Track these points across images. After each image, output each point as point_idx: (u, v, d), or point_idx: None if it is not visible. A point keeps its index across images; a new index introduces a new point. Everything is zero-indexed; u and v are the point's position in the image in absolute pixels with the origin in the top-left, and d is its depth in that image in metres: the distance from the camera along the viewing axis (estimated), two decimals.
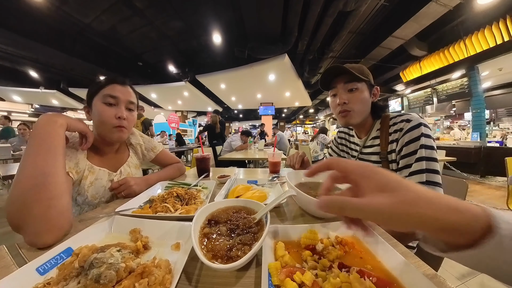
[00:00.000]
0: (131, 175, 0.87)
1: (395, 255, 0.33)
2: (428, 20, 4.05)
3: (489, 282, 1.36)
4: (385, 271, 0.32)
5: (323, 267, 0.32)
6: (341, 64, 0.76)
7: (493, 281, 1.37)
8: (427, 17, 3.96)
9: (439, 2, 3.55)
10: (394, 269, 0.31)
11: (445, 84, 5.75)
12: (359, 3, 3.65)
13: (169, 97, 9.48)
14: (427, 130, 0.65)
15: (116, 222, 0.49)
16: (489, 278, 1.35)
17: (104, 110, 0.71)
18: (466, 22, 4.46)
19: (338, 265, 0.32)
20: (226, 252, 0.33)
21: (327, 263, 0.32)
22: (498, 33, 4.01)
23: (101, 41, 5.21)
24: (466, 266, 0.23)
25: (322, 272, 0.29)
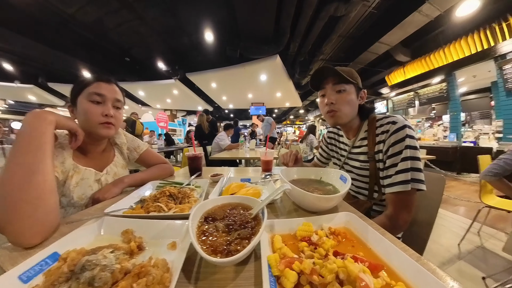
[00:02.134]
0: (118, 175, 0.85)
1: (384, 242, 0.36)
2: (412, 28, 4.30)
3: (466, 269, 1.48)
4: (376, 257, 0.35)
5: (319, 255, 0.34)
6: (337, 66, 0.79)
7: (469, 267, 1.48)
8: (411, 25, 4.21)
9: (422, 12, 3.79)
10: (383, 254, 0.34)
11: (426, 88, 6.14)
12: (349, 9, 3.79)
13: (158, 95, 9.20)
14: (411, 132, 0.70)
15: (106, 223, 0.47)
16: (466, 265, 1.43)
17: (90, 108, 0.69)
18: (445, 32, 4.81)
19: (334, 253, 0.34)
20: (225, 247, 0.34)
21: (323, 252, 0.34)
22: (472, 44, 4.35)
23: (85, 33, 4.90)
24: None
25: (319, 260, 0.31)
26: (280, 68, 5.84)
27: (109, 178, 0.82)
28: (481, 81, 5.90)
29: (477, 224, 1.93)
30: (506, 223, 2.13)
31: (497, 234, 1.97)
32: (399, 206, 0.68)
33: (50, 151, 0.53)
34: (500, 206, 1.63)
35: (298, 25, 4.38)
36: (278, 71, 6.01)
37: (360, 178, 0.83)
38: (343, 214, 0.47)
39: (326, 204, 0.55)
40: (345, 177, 0.63)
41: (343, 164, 0.92)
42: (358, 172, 0.84)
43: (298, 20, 4.23)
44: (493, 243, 1.82)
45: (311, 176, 0.76)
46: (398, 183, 0.67)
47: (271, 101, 10.00)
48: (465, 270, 1.46)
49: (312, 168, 0.80)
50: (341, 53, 6.18)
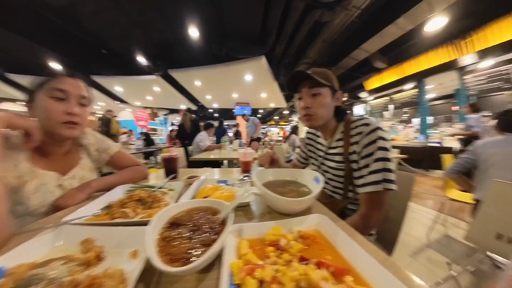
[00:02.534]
0: (85, 179, 0.78)
1: (352, 244, 0.35)
2: (389, 38, 4.68)
3: (433, 256, 1.64)
4: (343, 260, 0.34)
5: (284, 262, 0.32)
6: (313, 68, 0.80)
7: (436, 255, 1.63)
8: (389, 36, 4.58)
9: (397, 25, 4.17)
10: (351, 257, 0.34)
11: (400, 94, 6.68)
12: (333, 16, 3.99)
13: (138, 91, 8.65)
14: (383, 134, 0.72)
15: (65, 233, 0.43)
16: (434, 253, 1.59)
17: (51, 106, 0.63)
18: (417, 44, 5.30)
19: (300, 258, 0.33)
20: (185, 255, 0.32)
21: (288, 258, 0.33)
22: (440, 56, 4.85)
23: (55, 19, 4.37)
24: None
25: (282, 267, 0.30)
26: (266, 69, 5.87)
27: (74, 182, 0.74)
28: (446, 88, 6.57)
29: (443, 215, 2.14)
30: (466, 213, 2.38)
31: (459, 223, 2.21)
32: (372, 205, 0.71)
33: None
34: (461, 199, 1.84)
35: (284, 27, 4.46)
36: (263, 72, 6.04)
37: (336, 178, 0.85)
38: (315, 216, 0.46)
39: (298, 207, 0.54)
40: (319, 178, 0.63)
41: (320, 165, 0.94)
42: (334, 172, 0.86)
43: (284, 23, 4.31)
44: (456, 232, 2.04)
45: (286, 177, 0.75)
46: (370, 183, 0.69)
47: (256, 101, 10.01)
48: (432, 257, 1.62)
49: (288, 169, 0.79)
50: (325, 57, 6.40)
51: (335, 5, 3.72)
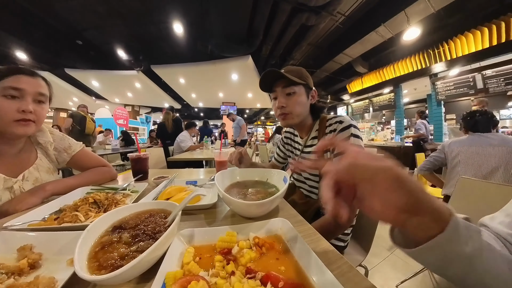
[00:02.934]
0: (40, 181, 0.71)
1: (309, 254, 0.32)
2: (370, 45, 4.98)
3: None
4: (299, 272, 0.31)
5: (225, 273, 0.29)
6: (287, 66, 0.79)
7: None
8: (370, 42, 4.87)
9: (378, 33, 4.45)
10: (307, 268, 0.31)
11: (379, 97, 7.08)
12: (319, 20, 4.11)
13: (117, 87, 8.14)
14: (356, 131, 0.72)
15: (1, 240, 0.40)
16: None
17: (2, 104, 0.60)
18: (395, 52, 5.70)
19: (246, 270, 0.30)
20: (115, 262, 0.29)
21: (230, 269, 0.30)
22: (414, 63, 5.25)
23: (24, 3, 3.98)
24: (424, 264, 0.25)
25: (222, 280, 0.27)
26: (252, 69, 5.86)
27: (26, 185, 0.68)
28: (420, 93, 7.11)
29: None
30: None
31: None
32: None
33: None
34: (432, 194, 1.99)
35: (271, 28, 4.50)
36: (249, 71, 6.02)
37: (312, 177, 0.85)
38: (277, 220, 0.43)
39: (258, 210, 0.50)
40: (287, 179, 0.62)
41: None
42: (310, 171, 0.85)
43: (271, 24, 4.34)
44: None
45: (255, 177, 0.73)
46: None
47: (242, 101, 9.97)
48: None
49: (258, 169, 0.77)
50: (310, 60, 6.56)
51: (321, 10, 3.82)
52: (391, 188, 0.22)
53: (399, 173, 0.22)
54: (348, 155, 0.26)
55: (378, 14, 4.10)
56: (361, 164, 0.23)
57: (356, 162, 0.23)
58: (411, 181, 0.22)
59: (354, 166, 0.23)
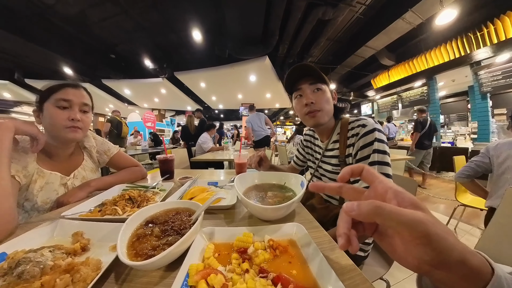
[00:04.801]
0: (86, 179, 0.84)
1: (321, 261, 0.33)
2: (396, 34, 4.50)
3: None
4: (310, 278, 0.31)
5: (240, 271, 0.32)
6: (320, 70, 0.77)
7: None
8: (395, 31, 4.40)
9: (405, 19, 3.97)
10: (318, 275, 0.31)
11: (409, 92, 6.41)
12: (336, 13, 3.88)
13: (145, 94, 8.89)
14: (380, 135, 0.68)
15: (60, 226, 0.48)
16: None
17: (56, 113, 0.70)
18: (427, 39, 5.07)
19: (259, 270, 0.32)
20: (148, 251, 0.34)
21: (245, 267, 0.32)
22: (451, 50, 4.61)
23: (66, 27, 4.61)
24: None
25: (237, 276, 0.29)
26: (269, 69, 5.86)
27: (76, 182, 0.80)
28: (459, 85, 6.27)
29: (454, 220, 2.00)
30: (479, 219, 2.23)
31: (472, 230, 2.06)
32: None
33: (6, 157, 0.54)
34: (473, 205, 1.71)
35: (287, 27, 4.43)
36: (267, 72, 6.02)
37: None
38: (291, 225, 0.44)
39: (274, 214, 0.52)
40: (304, 184, 0.61)
41: (317, 168, 0.91)
42: (330, 176, 0.83)
43: (287, 23, 4.28)
44: (468, 239, 1.91)
45: (273, 181, 0.73)
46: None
47: (261, 102, 10.01)
48: None
49: (276, 173, 0.77)
50: (330, 56, 6.31)
51: (338, 2, 3.64)
52: (417, 242, 0.20)
53: (430, 230, 0.19)
54: (375, 192, 0.24)
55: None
56: (387, 211, 0.20)
57: (382, 208, 0.20)
58: (442, 239, 0.19)
59: (378, 212, 0.20)
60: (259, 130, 4.09)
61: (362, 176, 0.28)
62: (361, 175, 0.28)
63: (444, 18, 3.67)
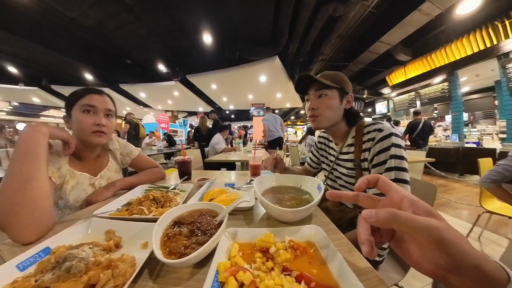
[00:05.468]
0: (111, 179, 0.90)
1: (341, 262, 0.34)
2: (412, 27, 4.26)
3: None
4: (329, 277, 0.33)
5: (266, 269, 0.34)
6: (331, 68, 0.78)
7: None
8: (411, 24, 4.17)
9: (422, 11, 3.74)
10: (338, 275, 0.33)
11: (428, 88, 6.08)
12: (347, 9, 3.77)
13: (159, 96, 9.25)
14: (397, 140, 0.67)
15: (93, 224, 0.52)
16: None
17: (83, 118, 0.76)
18: (446, 31, 4.75)
19: (282, 268, 0.33)
20: (181, 250, 0.37)
21: (270, 265, 0.34)
22: (474, 42, 4.29)
23: (86, 36, 4.97)
24: None
25: (263, 273, 0.31)
26: (280, 69, 5.84)
27: (102, 182, 0.86)
28: (484, 80, 5.84)
29: (478, 228, 1.83)
30: (507, 228, 2.05)
31: (498, 240, 1.87)
32: None
33: (44, 160, 0.58)
34: (501, 212, 1.55)
35: (296, 26, 4.38)
36: (277, 72, 6.01)
37: (348, 186, 0.82)
38: (310, 227, 0.46)
39: (293, 216, 0.54)
40: (321, 187, 0.62)
41: (331, 170, 0.91)
42: (346, 179, 0.83)
43: (296, 21, 4.24)
44: (494, 249, 1.73)
45: (289, 183, 0.74)
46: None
47: (271, 102, 9.98)
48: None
49: (292, 175, 0.78)
50: (341, 53, 6.15)
51: None
52: (431, 247, 0.21)
53: (444, 236, 0.20)
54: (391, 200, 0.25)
55: None
56: (403, 218, 0.21)
57: (398, 215, 0.21)
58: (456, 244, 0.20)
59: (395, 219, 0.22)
60: (274, 131, 4.25)
61: (377, 185, 0.29)
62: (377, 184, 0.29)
63: (467, 7, 3.40)
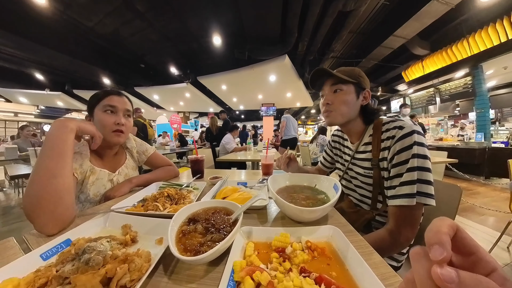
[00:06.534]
0: (128, 176, 0.95)
1: (361, 264, 0.32)
2: (430, 18, 4.01)
3: None
4: (349, 280, 0.31)
5: (283, 269, 0.32)
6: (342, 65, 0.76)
7: None
8: (429, 15, 3.92)
9: (440, 0, 3.51)
10: (359, 278, 0.31)
11: (448, 84, 5.69)
12: (359, 3, 3.65)
13: (171, 98, 9.55)
14: (420, 138, 0.63)
15: (111, 218, 0.54)
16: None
17: (104, 118, 0.80)
18: (469, 20, 4.41)
19: (300, 269, 0.32)
20: (196, 247, 0.37)
21: (288, 266, 0.33)
22: (502, 31, 3.95)
23: (103, 43, 5.28)
24: None
25: (281, 274, 0.30)
26: (289, 68, 5.78)
27: (120, 178, 0.90)
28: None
29: (508, 238, 1.66)
30: None
31: None
32: (402, 221, 0.62)
33: (70, 157, 0.61)
34: None
35: (305, 23, 4.31)
36: (287, 71, 5.95)
37: (364, 186, 0.78)
38: (328, 228, 0.44)
39: (309, 216, 0.52)
40: (338, 187, 0.59)
41: (346, 170, 0.87)
42: (362, 179, 0.78)
43: (305, 19, 4.16)
44: None
45: (304, 183, 0.73)
46: (402, 195, 0.61)
47: (281, 101, 9.92)
48: None
49: (307, 174, 0.76)
50: (353, 49, 5.97)
51: None
52: None
53: None
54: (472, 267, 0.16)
55: None
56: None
57: None
58: None
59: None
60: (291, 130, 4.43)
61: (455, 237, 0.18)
62: (455, 236, 0.18)
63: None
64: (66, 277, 0.31)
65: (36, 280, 0.31)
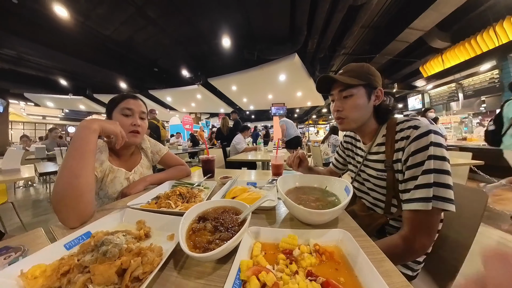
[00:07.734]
0: (143, 174, 1.00)
1: (372, 271, 0.31)
2: (450, 7, 3.72)
3: None
4: (358, 286, 0.31)
5: (290, 272, 0.32)
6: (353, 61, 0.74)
7: None
8: (449, 4, 3.63)
9: None
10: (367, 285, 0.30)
11: (472, 78, 5.29)
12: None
13: (183, 100, 9.85)
14: (437, 138, 0.58)
15: (127, 214, 0.58)
16: None
17: (122, 120, 0.86)
18: (496, 6, 3.98)
19: (307, 273, 0.32)
20: (205, 245, 0.39)
21: (294, 269, 0.32)
22: None
23: (120, 50, 5.58)
24: None
25: (286, 276, 0.30)
26: (299, 67, 5.71)
27: (136, 176, 0.96)
28: None
29: None
30: None
31: None
32: (417, 227, 0.58)
33: (92, 157, 0.65)
34: None
35: (314, 21, 4.20)
36: (297, 70, 5.88)
37: (377, 189, 0.75)
38: (337, 231, 0.43)
39: (318, 218, 0.51)
40: (349, 189, 0.57)
41: (358, 172, 0.84)
42: (374, 181, 0.75)
43: (314, 16, 4.06)
44: None
45: (314, 184, 0.71)
46: (417, 199, 0.57)
47: (291, 101, 9.83)
48: None
49: (317, 176, 0.74)
50: (365, 45, 5.75)
51: None
52: None
53: None
54: None
55: None
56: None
57: None
58: None
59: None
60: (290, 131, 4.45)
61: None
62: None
63: None
64: (86, 266, 0.34)
65: (60, 267, 0.35)
